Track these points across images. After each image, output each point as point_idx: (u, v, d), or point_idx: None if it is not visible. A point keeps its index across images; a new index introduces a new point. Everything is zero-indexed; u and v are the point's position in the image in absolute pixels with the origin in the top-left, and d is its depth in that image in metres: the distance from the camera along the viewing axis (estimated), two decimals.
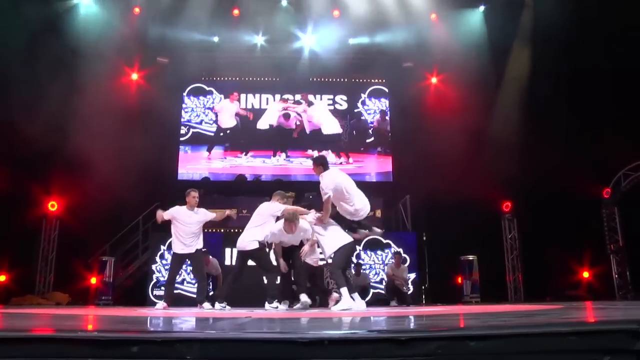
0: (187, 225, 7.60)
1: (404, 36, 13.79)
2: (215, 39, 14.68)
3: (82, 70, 11.93)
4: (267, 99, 15.28)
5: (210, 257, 10.06)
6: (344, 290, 6.12)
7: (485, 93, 13.14)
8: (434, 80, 14.86)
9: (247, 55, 14.79)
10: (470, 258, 11.81)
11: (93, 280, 11.69)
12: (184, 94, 15.15)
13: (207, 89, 15.25)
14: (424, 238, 13.30)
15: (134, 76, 14.70)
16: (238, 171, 14.72)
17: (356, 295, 6.45)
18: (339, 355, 1.71)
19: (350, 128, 15.10)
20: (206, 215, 7.79)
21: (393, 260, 11.32)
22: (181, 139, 14.89)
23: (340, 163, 14.46)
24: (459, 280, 11.97)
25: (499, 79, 13.47)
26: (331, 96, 15.32)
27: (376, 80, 15.40)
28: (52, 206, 12.20)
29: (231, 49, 14.67)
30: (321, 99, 15.31)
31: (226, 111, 15.10)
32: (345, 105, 15.28)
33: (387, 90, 15.32)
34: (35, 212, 12.01)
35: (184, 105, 15.15)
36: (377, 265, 11.81)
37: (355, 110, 15.25)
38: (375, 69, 15.00)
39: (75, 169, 11.72)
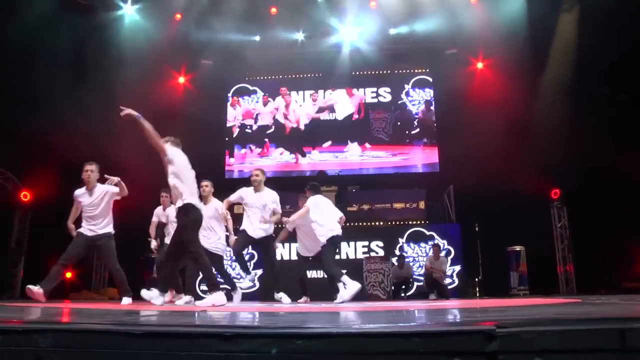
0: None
1: (444, 22, 13.39)
2: (257, 38, 14.87)
3: (129, 77, 12.43)
4: (311, 95, 15.36)
5: None
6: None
7: (530, 76, 12.56)
8: (479, 65, 14.35)
9: (287, 52, 14.89)
10: (518, 249, 11.37)
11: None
12: (229, 94, 15.48)
13: (252, 88, 15.51)
14: (477, 229, 12.98)
15: (181, 79, 15.20)
16: (285, 168, 14.92)
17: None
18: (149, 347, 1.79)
19: (395, 120, 14.88)
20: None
21: (432, 252, 11.11)
22: (229, 137, 15.29)
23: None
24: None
25: (544, 60, 12.81)
26: (374, 89, 15.17)
27: (419, 70, 15.09)
28: None
29: (272, 47, 14.78)
30: (364, 92, 15.19)
31: (270, 110, 15.35)
32: (389, 97, 15.09)
33: (431, 79, 14.98)
34: None
35: (230, 105, 15.51)
36: (420, 257, 11.60)
37: (399, 102, 15.01)
38: (418, 59, 14.75)
39: (127, 173, 12.25)
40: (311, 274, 11.47)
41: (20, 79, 10.61)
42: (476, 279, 12.82)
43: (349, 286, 6.78)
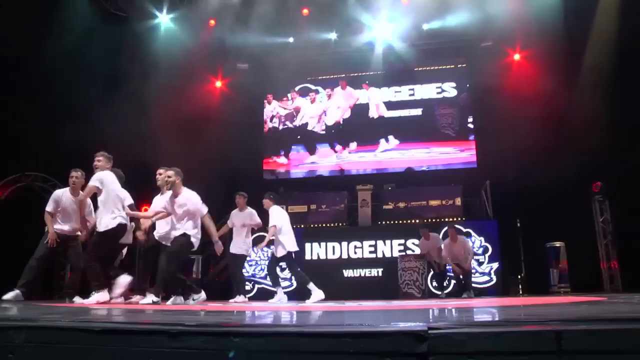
0: None
1: (478, 14, 13.09)
2: (290, 39, 15.00)
3: (166, 84, 12.78)
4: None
5: None
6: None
7: (569, 66, 12.15)
8: (516, 57, 14.00)
9: (321, 52, 14.94)
10: (557, 245, 11.01)
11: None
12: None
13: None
14: (518, 224, 12.67)
15: (218, 84, 15.52)
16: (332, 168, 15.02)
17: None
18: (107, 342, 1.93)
19: (432, 116, 14.67)
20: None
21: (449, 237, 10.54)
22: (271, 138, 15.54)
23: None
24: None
25: (583, 49, 12.37)
26: (411, 86, 14.97)
27: (454, 66, 14.81)
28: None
29: (305, 48, 14.87)
30: (399, 89, 15.06)
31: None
32: (425, 94, 14.87)
33: (467, 73, 14.66)
34: None
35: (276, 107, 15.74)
36: None
37: (436, 97, 14.79)
38: (453, 53, 14.48)
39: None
40: (362, 272, 11.55)
41: (60, 89, 11.11)
42: (519, 276, 12.54)
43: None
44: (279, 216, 8.45)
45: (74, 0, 12.18)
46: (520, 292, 12.11)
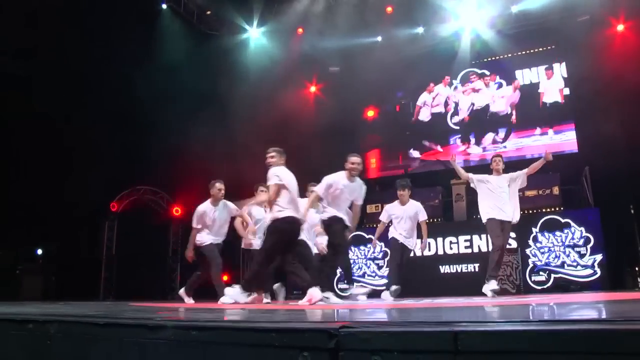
0: None
1: None
2: (379, 38, 15.07)
3: (264, 94, 13.41)
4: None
5: None
6: None
7: None
8: (620, 28, 12.85)
9: (410, 47, 14.78)
10: None
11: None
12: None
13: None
14: (632, 211, 11.72)
15: (312, 89, 15.95)
16: None
17: None
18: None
19: (527, 103, 13.95)
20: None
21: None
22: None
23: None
24: None
25: None
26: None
27: (548, 48, 13.88)
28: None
29: (395, 45, 14.80)
30: (495, 79, 14.47)
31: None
32: (522, 80, 14.14)
33: (563, 53, 13.67)
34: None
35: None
36: (556, 247, 10.80)
37: (531, 83, 14.05)
38: (547, 33, 13.61)
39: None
40: (459, 268, 11.39)
41: (163, 112, 12.14)
42: (636, 269, 11.61)
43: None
44: None
45: (170, 23, 13.22)
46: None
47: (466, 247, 11.62)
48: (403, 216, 8.68)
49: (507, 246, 10.81)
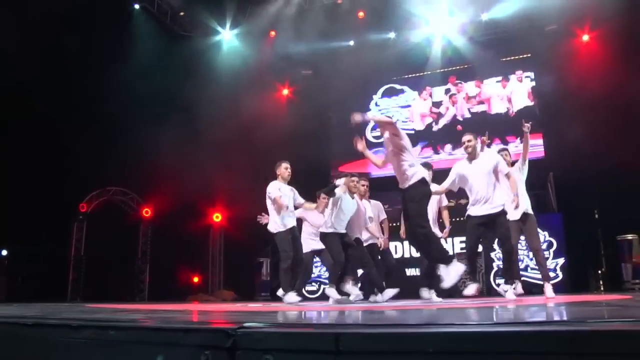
0: None
1: None
2: (351, 42, 15.19)
3: (236, 95, 13.41)
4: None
5: None
6: None
7: None
8: (585, 38, 13.15)
9: (380, 53, 14.89)
10: (629, 237, 10.30)
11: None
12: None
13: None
14: (596, 216, 11.98)
15: (285, 92, 16.01)
16: None
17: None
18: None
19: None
20: None
21: None
22: None
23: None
24: None
25: None
26: (472, 82, 14.54)
27: (518, 57, 14.09)
28: (217, 217, 14.14)
29: (365, 50, 14.94)
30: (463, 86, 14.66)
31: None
32: (491, 88, 14.36)
33: (531, 62, 13.92)
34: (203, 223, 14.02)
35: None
36: (520, 251, 10.90)
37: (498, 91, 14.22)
38: (517, 42, 13.82)
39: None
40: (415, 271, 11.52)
41: (134, 112, 12.08)
42: (599, 272, 11.88)
43: None
44: None
45: (142, 23, 13.17)
46: (602, 289, 11.47)
47: None
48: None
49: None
